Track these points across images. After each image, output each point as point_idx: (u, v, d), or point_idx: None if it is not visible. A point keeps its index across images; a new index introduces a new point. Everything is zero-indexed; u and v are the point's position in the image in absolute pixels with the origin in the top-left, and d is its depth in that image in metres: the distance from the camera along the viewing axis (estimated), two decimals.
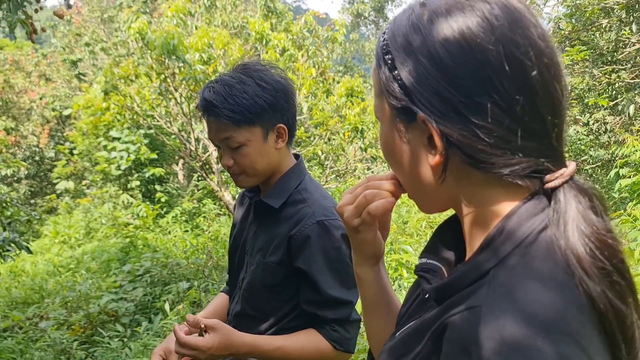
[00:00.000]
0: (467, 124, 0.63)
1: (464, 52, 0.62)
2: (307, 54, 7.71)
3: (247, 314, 1.62)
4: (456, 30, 0.63)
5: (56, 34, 18.80)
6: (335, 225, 1.49)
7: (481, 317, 0.58)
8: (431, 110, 0.64)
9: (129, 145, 11.20)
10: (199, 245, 8.26)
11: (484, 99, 0.62)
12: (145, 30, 6.57)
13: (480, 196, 0.68)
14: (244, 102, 1.47)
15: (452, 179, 0.69)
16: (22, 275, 8.63)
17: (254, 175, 1.56)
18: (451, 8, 0.64)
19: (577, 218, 0.62)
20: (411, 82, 0.66)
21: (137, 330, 5.31)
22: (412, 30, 0.67)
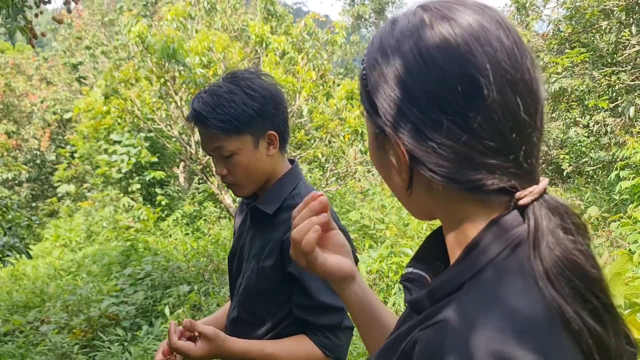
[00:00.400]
0: (428, 141, 0.64)
1: (422, 72, 0.64)
2: (307, 56, 7.72)
3: (242, 320, 1.62)
4: (416, 52, 0.65)
5: (57, 38, 18.85)
6: None
7: (447, 331, 0.59)
8: (396, 127, 0.67)
9: (129, 148, 11.22)
10: (200, 248, 8.27)
11: (441, 116, 0.63)
12: (145, 33, 6.58)
13: (455, 210, 0.69)
14: (232, 111, 1.48)
15: (424, 192, 0.70)
16: (23, 278, 8.64)
17: (248, 184, 1.57)
18: (414, 30, 0.66)
19: (547, 237, 0.61)
20: (380, 100, 0.68)
21: (138, 334, 5.31)
22: (380, 51, 0.69)
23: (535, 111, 0.64)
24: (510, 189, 0.64)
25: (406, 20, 0.68)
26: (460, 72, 0.62)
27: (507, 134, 0.63)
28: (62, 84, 17.30)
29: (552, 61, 7.39)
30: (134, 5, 16.10)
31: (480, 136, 0.63)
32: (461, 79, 0.62)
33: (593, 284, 0.61)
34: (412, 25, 0.67)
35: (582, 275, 0.61)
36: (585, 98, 7.90)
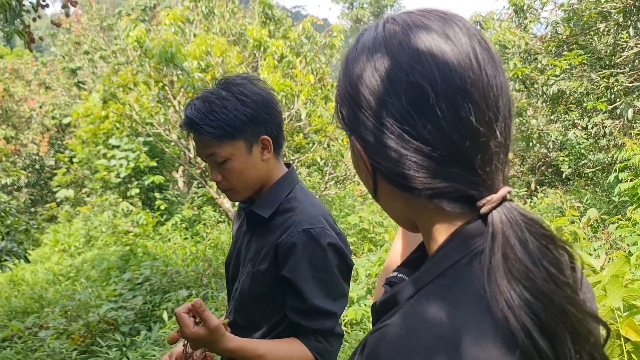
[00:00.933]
0: (384, 148, 0.66)
1: (375, 81, 0.66)
2: (306, 60, 7.72)
3: (238, 324, 1.62)
4: (370, 62, 0.67)
5: (56, 42, 18.85)
6: (322, 234, 1.49)
7: (385, 336, 0.61)
8: (357, 135, 0.69)
9: (128, 153, 11.21)
10: (199, 252, 8.26)
11: (394, 124, 0.64)
12: (143, 38, 6.58)
13: (422, 218, 0.71)
14: (224, 117, 1.48)
15: (392, 198, 0.72)
16: (22, 284, 8.62)
17: (243, 188, 1.58)
18: (372, 41, 0.68)
19: (503, 245, 0.61)
20: (343, 109, 0.71)
21: (137, 339, 5.30)
22: (345, 64, 0.72)
23: (493, 118, 0.64)
24: (470, 198, 0.65)
25: (368, 33, 0.71)
26: (407, 81, 0.63)
27: (460, 142, 0.63)
28: (61, 88, 17.31)
29: (551, 63, 7.40)
30: (132, 10, 16.12)
31: (432, 144, 0.63)
32: (408, 87, 0.63)
33: (548, 299, 0.59)
34: (371, 38, 0.69)
35: (535, 287, 0.59)
36: (583, 100, 7.91)
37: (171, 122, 8.15)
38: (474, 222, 0.66)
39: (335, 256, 1.49)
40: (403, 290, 0.67)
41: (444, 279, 0.64)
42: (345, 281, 1.56)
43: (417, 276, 0.67)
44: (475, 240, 0.64)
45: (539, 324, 0.58)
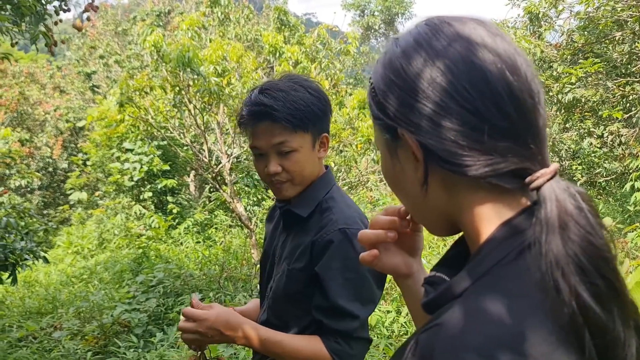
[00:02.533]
0: (440, 129, 0.67)
1: (430, 67, 0.69)
2: (320, 66, 7.76)
3: (271, 323, 1.62)
4: (422, 52, 0.70)
5: (71, 47, 19.06)
6: (357, 235, 1.49)
7: (439, 334, 0.61)
8: (407, 123, 0.70)
9: (141, 156, 11.28)
10: (211, 256, 8.29)
11: (451, 103, 0.67)
12: (160, 43, 6.64)
13: (468, 210, 0.71)
14: (302, 107, 1.50)
15: (440, 190, 0.73)
16: (36, 285, 8.69)
17: (299, 183, 1.58)
18: (420, 37, 0.72)
19: (559, 217, 0.62)
20: (390, 103, 0.72)
21: (151, 341, 5.32)
22: (385, 61, 0.75)
23: (537, 98, 0.69)
24: (522, 173, 0.67)
25: (409, 34, 0.75)
26: (465, 62, 0.67)
27: (513, 116, 0.66)
28: (76, 92, 17.48)
29: (566, 71, 7.38)
30: (147, 16, 16.28)
31: (488, 119, 0.66)
32: (466, 68, 0.67)
33: (605, 266, 0.61)
34: (417, 34, 0.73)
35: (596, 254, 0.60)
36: (599, 109, 7.87)
37: (185, 126, 8.20)
38: (521, 215, 0.67)
39: None
40: (451, 288, 0.68)
41: (493, 275, 0.64)
42: (378, 287, 1.54)
43: (465, 273, 0.67)
44: (524, 233, 0.65)
45: (597, 293, 0.59)
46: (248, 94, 1.60)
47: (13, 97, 15.13)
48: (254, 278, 6.68)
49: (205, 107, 7.16)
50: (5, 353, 5.27)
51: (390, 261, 0.93)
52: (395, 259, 0.94)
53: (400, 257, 0.94)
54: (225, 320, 1.46)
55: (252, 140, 1.56)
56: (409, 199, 0.78)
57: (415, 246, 0.95)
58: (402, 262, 0.94)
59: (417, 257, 0.96)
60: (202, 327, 1.44)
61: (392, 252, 0.94)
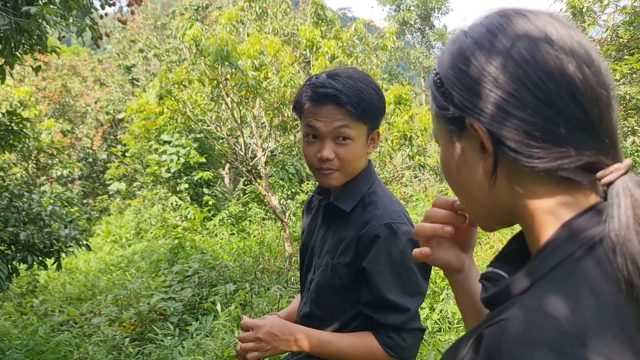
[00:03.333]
0: (512, 119, 0.67)
1: (503, 57, 0.68)
2: (357, 61, 7.74)
3: (314, 315, 1.64)
4: (494, 41, 0.70)
5: (111, 40, 19.48)
6: (403, 230, 1.50)
7: (508, 329, 0.60)
8: (478, 113, 0.70)
9: (179, 148, 11.46)
10: (246, 248, 8.38)
11: (525, 93, 0.66)
12: (199, 37, 6.72)
13: (534, 204, 0.70)
14: (368, 99, 1.51)
15: (506, 182, 0.71)
16: (76, 272, 8.95)
17: (348, 173, 1.58)
18: (493, 27, 0.72)
19: (634, 213, 0.61)
20: (457, 92, 0.72)
21: (187, 329, 5.42)
22: (455, 51, 0.75)
23: (611, 93, 0.68)
24: (593, 168, 0.66)
25: (480, 24, 0.74)
26: (541, 52, 0.66)
27: (589, 109, 0.65)
28: (115, 85, 17.87)
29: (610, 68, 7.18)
30: (185, 10, 16.50)
31: (563, 111, 0.65)
32: (542, 57, 0.66)
33: None
34: (489, 25, 0.72)
35: None
36: None
37: (222, 119, 8.30)
38: (590, 211, 0.66)
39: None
40: (515, 284, 0.67)
41: (562, 271, 0.63)
42: (424, 279, 1.55)
43: (530, 269, 0.67)
44: (593, 229, 0.64)
45: None
46: (310, 79, 1.60)
47: (56, 89, 15.57)
48: (288, 271, 6.73)
49: (242, 101, 7.22)
50: (48, 336, 5.46)
51: (442, 256, 0.93)
52: (447, 253, 0.94)
53: (452, 252, 0.94)
54: (281, 325, 1.51)
55: (310, 122, 1.55)
56: (468, 193, 0.78)
57: (469, 241, 0.95)
58: (455, 257, 0.94)
59: (469, 252, 0.96)
60: (260, 333, 1.49)
61: (445, 247, 0.93)
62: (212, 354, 4.45)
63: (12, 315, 6.36)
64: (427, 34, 28.92)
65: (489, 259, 6.09)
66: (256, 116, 7.70)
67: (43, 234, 3.70)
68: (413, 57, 26.58)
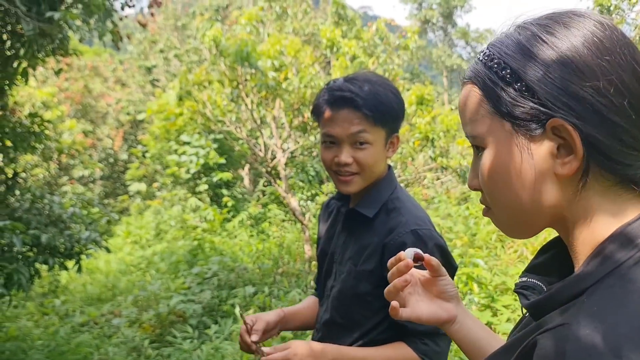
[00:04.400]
0: (607, 123, 0.64)
1: (594, 56, 0.65)
2: (378, 61, 7.65)
3: (336, 323, 1.61)
4: (582, 36, 0.66)
5: (132, 41, 19.66)
6: (429, 235, 1.49)
7: (570, 335, 0.59)
8: (569, 113, 0.65)
9: (198, 149, 11.48)
10: (265, 250, 8.35)
11: (621, 98, 0.64)
12: (219, 37, 6.70)
13: (596, 207, 0.69)
14: (386, 102, 1.51)
15: (575, 188, 0.69)
16: (97, 272, 9.00)
17: (367, 178, 1.56)
18: (568, 20, 0.69)
19: None
20: (543, 88, 0.67)
21: (206, 332, 5.40)
22: (535, 43, 0.69)
23: None
24: None
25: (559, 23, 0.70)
26: (630, 54, 0.66)
27: None
28: (136, 85, 18.01)
29: None
30: (205, 10, 16.56)
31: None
32: (636, 60, 0.65)
33: None
34: (559, 18, 0.70)
35: None
36: None
37: (242, 120, 8.28)
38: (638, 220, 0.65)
39: (441, 258, 1.44)
40: (565, 290, 0.65)
41: (619, 276, 0.61)
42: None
43: (583, 275, 0.65)
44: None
45: None
46: (328, 83, 1.60)
47: (78, 90, 15.73)
48: (307, 274, 6.67)
49: (262, 102, 7.19)
50: (69, 337, 5.48)
51: (425, 310, 0.98)
52: (430, 307, 0.98)
53: (435, 305, 0.99)
54: (310, 349, 1.45)
55: (327, 127, 1.54)
56: (516, 197, 0.73)
57: (445, 290, 0.99)
58: (439, 309, 0.98)
59: (454, 301, 0.99)
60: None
61: (426, 302, 0.99)
62: (231, 358, 4.42)
63: (34, 315, 6.41)
64: (450, 33, 28.71)
65: (514, 263, 5.97)
66: (276, 117, 7.65)
67: (64, 236, 3.70)
68: (435, 56, 26.40)
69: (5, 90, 4.14)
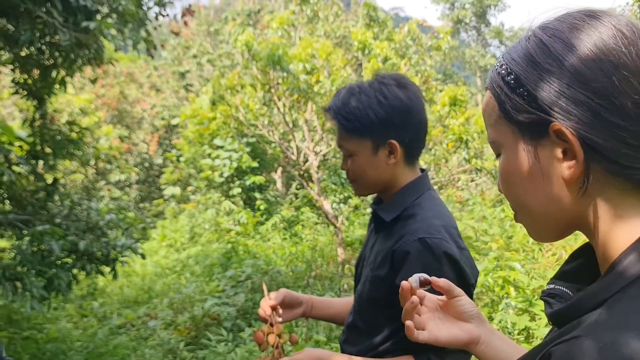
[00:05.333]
0: (609, 126, 0.62)
1: (598, 58, 0.63)
2: (410, 62, 7.58)
3: (356, 326, 1.58)
4: (586, 40, 0.65)
5: (166, 47, 20.00)
6: (438, 244, 1.39)
7: (583, 348, 0.58)
8: (568, 118, 0.64)
9: (231, 153, 11.58)
10: (298, 253, 8.36)
11: (624, 99, 0.62)
12: (251, 42, 6.75)
13: (614, 214, 0.66)
14: (357, 112, 1.48)
15: (587, 192, 0.67)
16: (133, 275, 9.17)
17: (366, 185, 1.58)
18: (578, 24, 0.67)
19: None
20: (543, 94, 0.67)
21: (240, 336, 5.43)
22: (537, 49, 0.69)
23: None
24: None
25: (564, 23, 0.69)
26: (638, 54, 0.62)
27: None
28: (170, 91, 18.30)
29: None
30: (237, 15, 16.73)
31: None
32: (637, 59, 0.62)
33: None
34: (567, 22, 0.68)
35: None
36: None
37: (274, 123, 8.32)
38: None
39: (451, 269, 1.37)
40: (586, 301, 0.64)
41: (632, 289, 0.60)
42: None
43: (602, 285, 0.63)
44: None
45: None
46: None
47: (114, 96, 16.08)
48: (340, 277, 6.65)
49: (294, 105, 7.21)
50: (107, 339, 5.59)
51: (445, 334, 0.95)
52: (451, 330, 0.96)
53: (455, 327, 0.96)
54: (317, 357, 1.42)
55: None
56: (534, 202, 0.73)
57: (462, 311, 0.97)
58: (460, 331, 0.95)
59: (476, 321, 0.97)
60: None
61: (446, 324, 0.96)
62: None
63: (73, 317, 6.56)
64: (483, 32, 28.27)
65: (552, 266, 5.82)
66: (308, 120, 7.66)
67: (101, 242, 3.77)
68: (468, 56, 26.05)
69: (45, 99, 4.25)
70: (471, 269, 1.43)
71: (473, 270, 1.45)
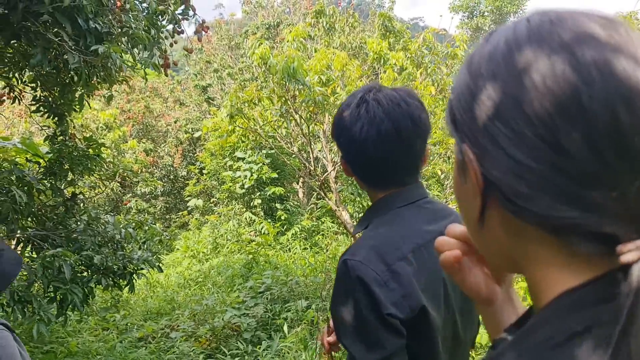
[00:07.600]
0: (508, 159, 0.53)
1: (509, 78, 0.54)
2: (426, 71, 7.57)
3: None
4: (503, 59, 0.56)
5: (189, 62, 20.31)
6: (355, 267, 1.27)
7: None
8: (473, 143, 0.57)
9: (252, 165, 11.70)
10: (317, 263, 8.37)
11: (526, 129, 0.52)
12: (267, 55, 6.83)
13: (534, 263, 0.57)
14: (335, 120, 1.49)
15: (499, 231, 0.60)
16: (157, 286, 9.29)
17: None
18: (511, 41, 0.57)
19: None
20: (456, 113, 0.61)
21: (258, 350, 5.46)
22: (466, 67, 0.61)
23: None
24: (609, 238, 0.51)
25: (506, 29, 0.60)
26: (555, 76, 0.50)
27: (610, 159, 0.49)
28: (193, 104, 18.57)
29: None
30: (257, 29, 16.91)
31: (573, 157, 0.50)
32: (554, 84, 0.50)
33: None
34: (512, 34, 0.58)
35: None
36: None
37: (292, 135, 8.37)
38: (590, 285, 0.52)
39: (363, 296, 1.24)
40: (502, 357, 0.55)
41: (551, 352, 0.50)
42: (385, 328, 1.24)
43: (510, 344, 0.56)
44: (598, 309, 0.50)
45: None
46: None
47: (139, 110, 16.39)
48: None
49: (311, 117, 7.25)
50: (126, 352, 5.67)
51: (471, 279, 0.80)
52: (477, 279, 0.80)
53: (482, 279, 0.81)
54: None
55: None
56: (469, 225, 0.66)
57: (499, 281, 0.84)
58: (484, 285, 0.81)
59: (504, 285, 0.83)
60: None
61: (476, 273, 0.80)
62: None
63: (95, 329, 6.67)
64: None
65: None
66: (325, 131, 7.70)
67: (117, 256, 3.84)
68: None
69: (65, 115, 4.37)
70: (402, 297, 1.24)
71: (404, 298, 1.25)
